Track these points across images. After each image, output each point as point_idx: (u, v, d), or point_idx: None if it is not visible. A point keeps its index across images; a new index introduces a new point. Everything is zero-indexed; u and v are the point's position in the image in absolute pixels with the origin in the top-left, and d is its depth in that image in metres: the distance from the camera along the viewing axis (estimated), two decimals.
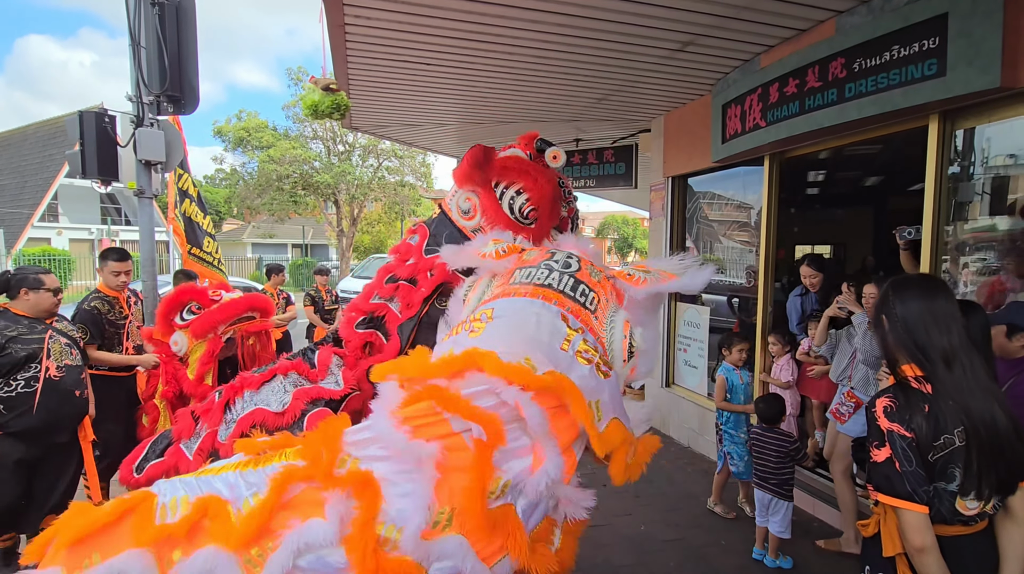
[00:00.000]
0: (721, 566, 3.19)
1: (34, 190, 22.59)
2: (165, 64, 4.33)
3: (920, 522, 1.41)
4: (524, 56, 4.02)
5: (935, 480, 1.43)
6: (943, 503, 1.44)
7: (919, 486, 1.42)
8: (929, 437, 1.42)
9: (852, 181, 6.90)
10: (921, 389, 1.47)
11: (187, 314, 2.96)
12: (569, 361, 1.63)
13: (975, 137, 2.97)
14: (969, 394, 1.44)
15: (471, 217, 2.27)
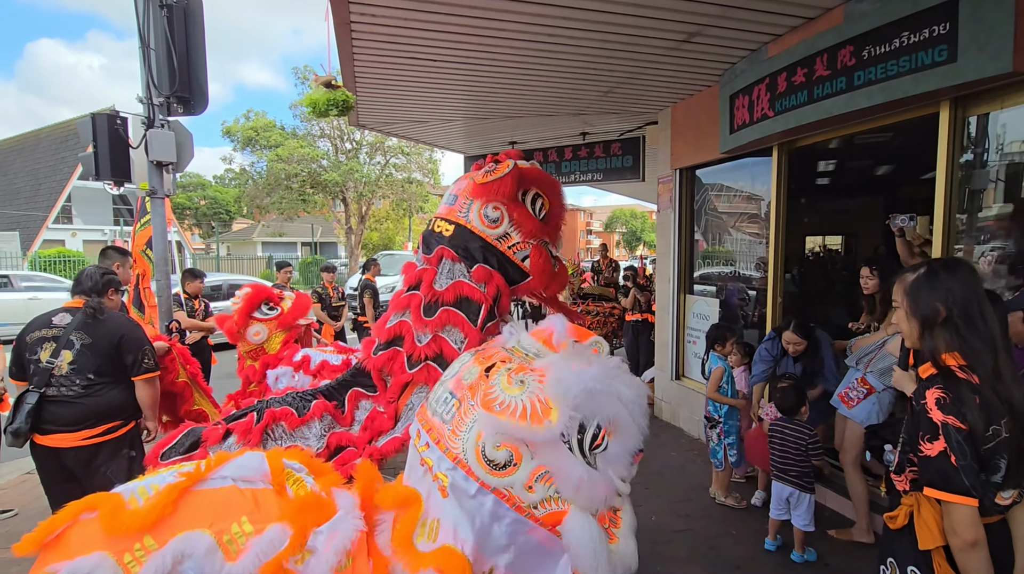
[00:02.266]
0: (732, 556, 3.20)
1: (48, 193, 22.93)
2: (174, 65, 4.38)
3: (975, 517, 1.39)
4: (529, 50, 4.02)
5: (983, 472, 1.41)
6: (988, 495, 1.42)
7: (975, 480, 1.38)
8: (981, 429, 1.38)
9: (863, 170, 6.83)
10: (969, 379, 1.43)
11: (266, 309, 3.80)
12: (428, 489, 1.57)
13: (989, 123, 2.93)
14: (1012, 383, 1.42)
15: (497, 225, 2.35)
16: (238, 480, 1.49)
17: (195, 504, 1.42)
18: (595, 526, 1.46)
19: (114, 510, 1.35)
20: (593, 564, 1.42)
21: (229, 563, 1.34)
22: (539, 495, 1.46)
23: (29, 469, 4.47)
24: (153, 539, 1.32)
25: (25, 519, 3.64)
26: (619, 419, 1.50)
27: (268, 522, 1.41)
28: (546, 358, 1.61)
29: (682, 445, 4.96)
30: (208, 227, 34.72)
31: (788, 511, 3.18)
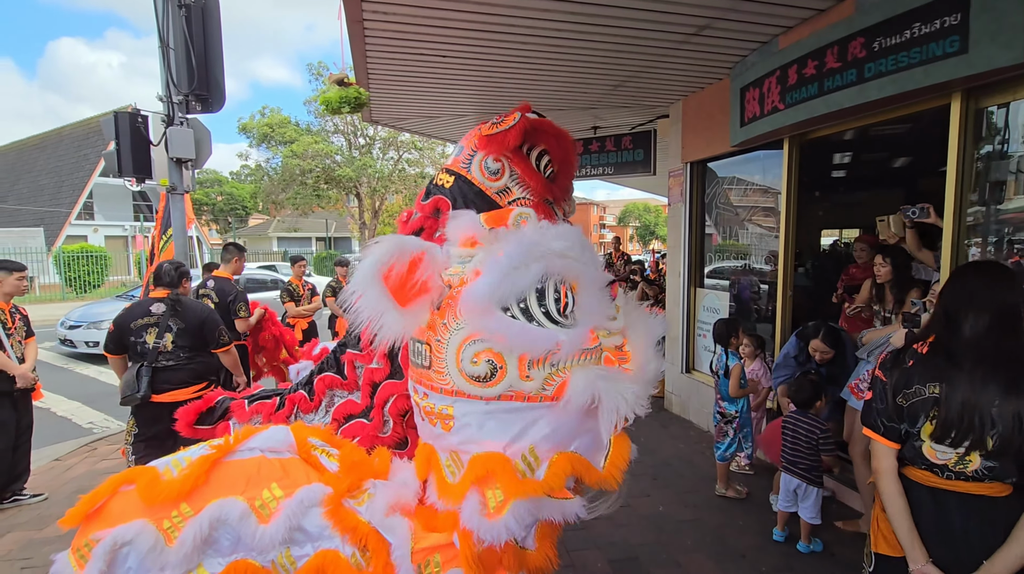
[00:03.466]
0: (737, 546, 3.23)
1: (71, 189, 23.45)
2: (192, 64, 4.50)
3: (880, 450, 1.71)
4: (539, 45, 4.05)
5: (903, 422, 1.65)
6: (909, 444, 1.66)
7: (880, 419, 1.70)
8: (901, 385, 1.65)
9: (878, 163, 6.75)
10: (918, 350, 1.67)
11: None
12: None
13: (1008, 115, 2.90)
14: (973, 371, 1.56)
15: (498, 178, 2.21)
16: (265, 450, 1.59)
17: (227, 473, 1.52)
18: (598, 369, 1.51)
19: (151, 482, 1.45)
20: (615, 397, 1.46)
21: (263, 525, 1.43)
22: (539, 378, 1.51)
23: (58, 456, 4.66)
24: (189, 506, 1.42)
25: (54, 503, 3.79)
26: (567, 270, 1.53)
27: (296, 486, 1.51)
28: (473, 260, 1.62)
29: (691, 437, 4.99)
30: (225, 222, 35.25)
31: (796, 503, 3.21)
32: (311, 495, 1.50)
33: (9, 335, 3.68)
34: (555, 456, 1.52)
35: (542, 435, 1.54)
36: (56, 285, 18.31)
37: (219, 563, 1.40)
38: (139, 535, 1.37)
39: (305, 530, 1.47)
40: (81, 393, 6.83)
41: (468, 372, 1.51)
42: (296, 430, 1.70)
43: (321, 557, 1.44)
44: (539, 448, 1.54)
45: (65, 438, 5.16)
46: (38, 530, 3.43)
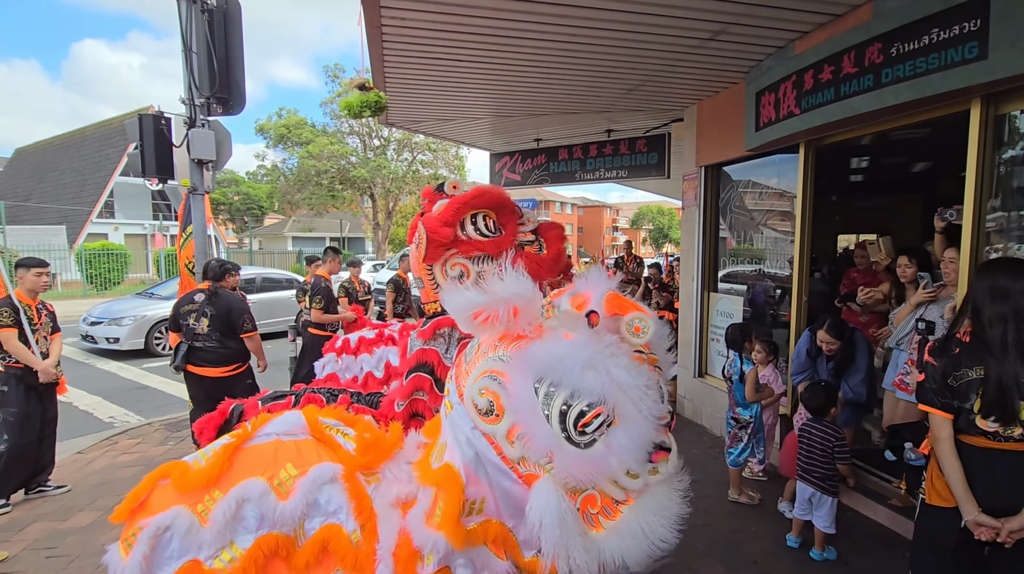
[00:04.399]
0: (751, 551, 3.23)
1: (93, 188, 23.94)
2: (214, 68, 4.59)
3: (938, 422, 1.95)
4: (554, 49, 4.08)
5: (955, 399, 1.90)
6: (963, 416, 1.90)
7: (935, 397, 1.94)
8: (950, 369, 1.91)
9: (895, 167, 6.68)
10: (961, 338, 1.93)
11: None
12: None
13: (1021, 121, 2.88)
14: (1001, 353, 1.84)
15: (466, 277, 2.32)
16: (280, 434, 1.72)
17: (247, 458, 1.65)
18: (561, 501, 1.43)
19: (182, 473, 1.58)
20: (553, 539, 1.40)
21: (282, 502, 1.56)
22: (518, 452, 1.51)
23: (80, 449, 4.77)
24: (219, 490, 1.57)
25: (77, 495, 3.89)
26: (618, 404, 1.42)
27: (310, 465, 1.64)
28: (556, 321, 1.59)
29: (704, 442, 4.98)
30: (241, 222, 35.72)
31: (811, 512, 3.19)
32: (323, 473, 1.62)
33: (35, 330, 3.79)
34: (492, 522, 1.58)
35: (498, 497, 1.59)
36: (78, 282, 18.70)
37: (248, 539, 1.52)
38: (176, 519, 1.50)
39: (318, 504, 1.59)
40: (102, 388, 6.99)
41: (473, 398, 1.61)
42: (307, 413, 1.82)
43: (326, 530, 1.56)
44: (487, 504, 1.59)
45: (87, 432, 5.29)
46: (62, 520, 3.53)
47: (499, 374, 1.53)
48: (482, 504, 1.58)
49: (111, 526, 3.44)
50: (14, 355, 3.67)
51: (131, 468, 4.35)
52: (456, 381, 1.71)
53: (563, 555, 1.43)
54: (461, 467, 1.59)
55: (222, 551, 1.50)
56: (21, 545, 3.24)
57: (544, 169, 7.72)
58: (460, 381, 1.68)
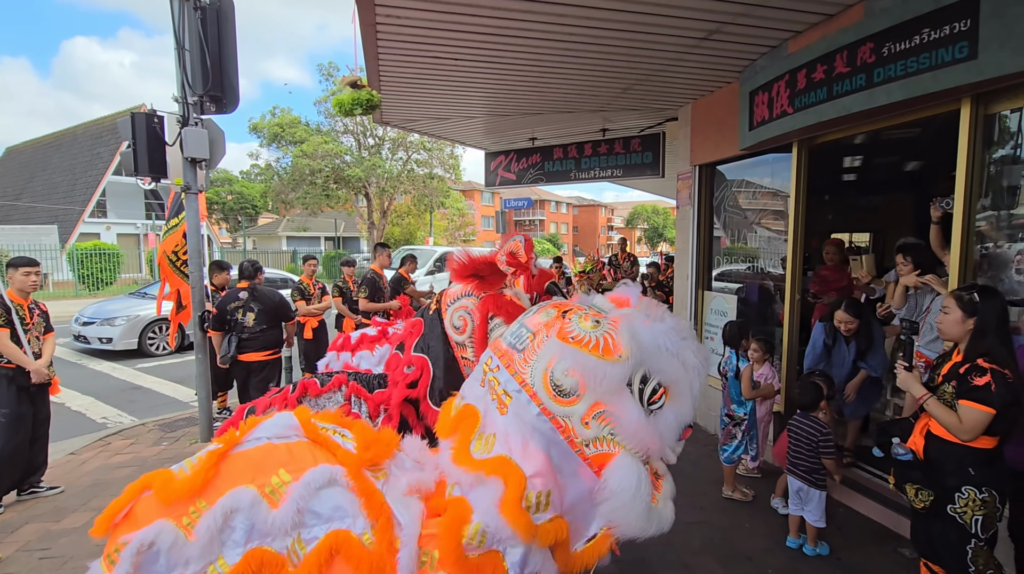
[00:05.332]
0: (745, 548, 3.25)
1: (84, 187, 23.75)
2: (207, 66, 4.56)
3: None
4: (550, 48, 4.08)
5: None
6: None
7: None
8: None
9: (889, 167, 6.73)
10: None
11: None
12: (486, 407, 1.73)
13: (1020, 120, 2.89)
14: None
15: (462, 331, 2.53)
16: (271, 438, 1.63)
17: (235, 465, 1.55)
18: (644, 473, 1.56)
19: (165, 483, 1.50)
20: (633, 511, 1.52)
21: (273, 511, 1.47)
22: (593, 433, 1.57)
23: (73, 450, 4.74)
24: (204, 501, 1.47)
25: (70, 496, 3.87)
26: (679, 383, 1.60)
27: (304, 469, 1.54)
28: (621, 310, 1.74)
29: (699, 440, 5.00)
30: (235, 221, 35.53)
31: (802, 507, 3.21)
32: (319, 476, 1.52)
33: (27, 330, 3.76)
34: (557, 518, 1.58)
35: (562, 485, 1.60)
36: (70, 282, 18.56)
37: (237, 553, 1.43)
38: (160, 534, 1.41)
39: (315, 512, 1.50)
40: (95, 388, 6.94)
41: (555, 378, 1.59)
42: (299, 413, 1.73)
43: (333, 537, 1.47)
44: (553, 497, 1.59)
45: (80, 433, 5.26)
46: (55, 521, 3.51)
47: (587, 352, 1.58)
48: (548, 498, 1.57)
49: None
50: (6, 355, 3.64)
51: (125, 469, 4.32)
52: (507, 368, 1.69)
53: (632, 523, 1.53)
54: (523, 455, 1.57)
55: (209, 567, 1.41)
56: (14, 546, 3.22)
57: (539, 168, 7.73)
58: (516, 368, 1.66)
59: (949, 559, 2.19)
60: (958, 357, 2.23)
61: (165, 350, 9.03)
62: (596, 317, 1.68)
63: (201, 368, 4.87)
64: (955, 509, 2.12)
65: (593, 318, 1.67)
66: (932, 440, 2.24)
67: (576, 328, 1.63)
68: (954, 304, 2.23)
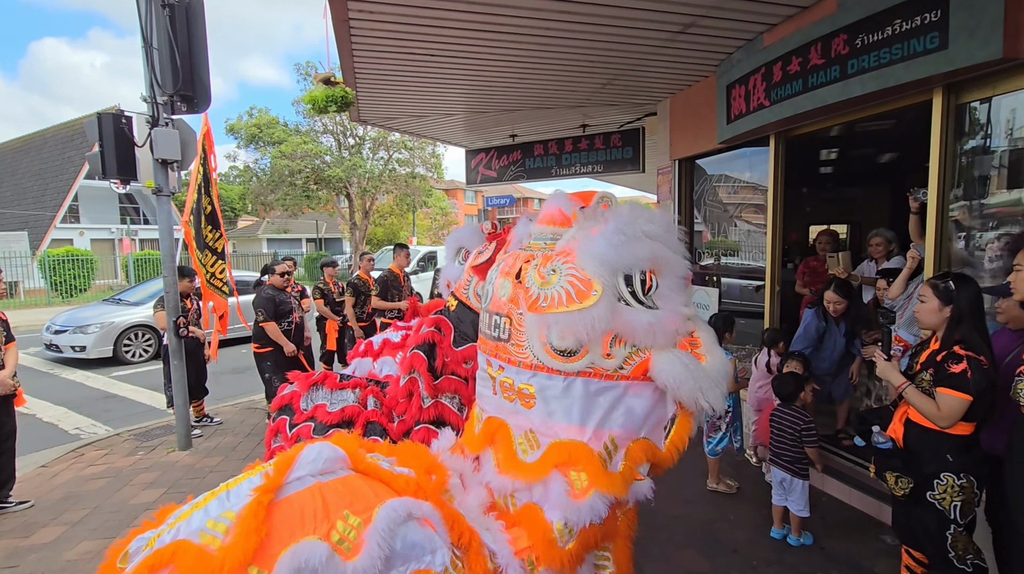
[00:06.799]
0: (728, 540, 3.26)
1: (55, 192, 23.13)
2: (177, 64, 4.44)
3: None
4: (527, 44, 4.05)
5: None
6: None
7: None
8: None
9: (865, 159, 6.82)
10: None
11: None
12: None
13: (989, 110, 2.93)
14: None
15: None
16: (317, 476, 1.38)
17: (286, 515, 1.27)
18: (680, 354, 1.58)
19: (197, 559, 1.16)
20: (694, 386, 1.54)
21: (350, 562, 1.22)
22: (620, 357, 1.57)
23: (44, 463, 4.59)
24: (259, 567, 1.18)
25: (41, 510, 3.74)
26: (657, 258, 1.59)
27: (370, 508, 1.31)
28: (564, 236, 1.69)
29: None
30: None
31: (786, 497, 3.23)
32: (395, 513, 1.31)
33: None
34: (631, 445, 1.60)
35: (620, 423, 1.61)
36: (42, 290, 18.04)
37: None
38: None
39: (394, 553, 1.29)
40: (67, 398, 6.74)
41: (554, 345, 1.57)
42: (340, 441, 1.50)
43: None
44: (617, 436, 1.61)
45: (51, 444, 5.10)
46: (24, 538, 3.39)
47: (568, 293, 1.56)
48: (614, 442, 1.61)
49: (77, 541, 3.32)
50: None
51: (98, 480, 4.20)
52: (510, 362, 1.67)
53: (699, 393, 1.55)
54: (577, 429, 1.58)
55: None
56: None
57: (520, 165, 7.70)
58: (516, 357, 1.65)
59: (929, 545, 2.21)
60: (935, 345, 2.25)
61: (142, 357, 8.81)
62: (550, 264, 1.62)
63: (178, 375, 4.76)
64: (934, 496, 2.14)
65: (548, 269, 1.61)
66: (911, 427, 2.26)
67: (538, 291, 1.59)
68: (930, 293, 2.24)
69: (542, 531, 1.52)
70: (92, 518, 3.60)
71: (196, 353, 5.25)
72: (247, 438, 5.06)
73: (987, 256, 2.95)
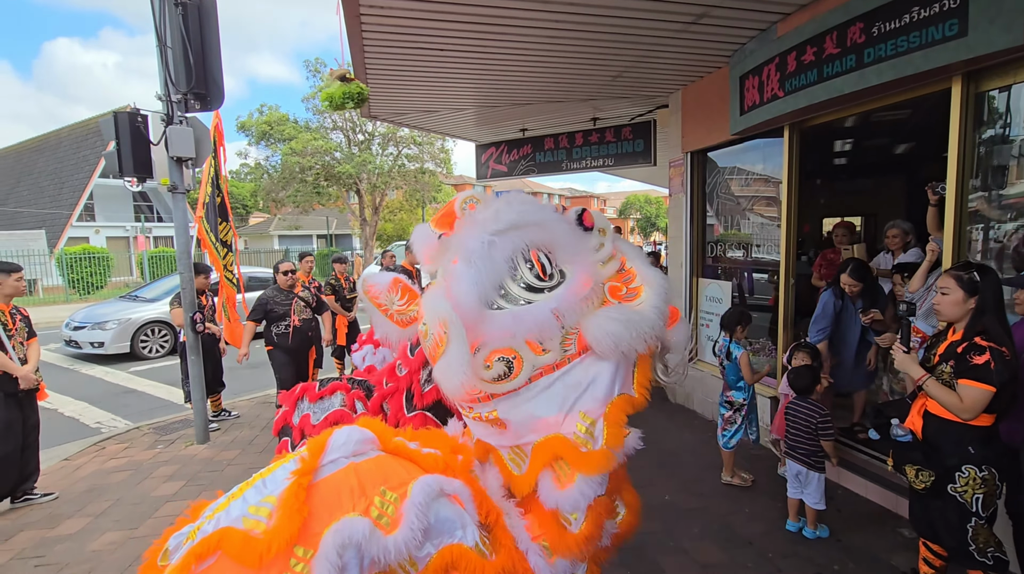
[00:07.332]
0: (745, 533, 3.25)
1: (71, 191, 23.47)
2: (190, 62, 4.48)
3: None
4: (537, 37, 4.03)
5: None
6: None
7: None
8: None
9: (880, 149, 6.72)
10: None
11: None
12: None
13: (1009, 98, 2.88)
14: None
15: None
16: (350, 457, 1.43)
17: (325, 495, 1.32)
18: (606, 313, 1.52)
19: (244, 544, 1.20)
20: (633, 337, 1.48)
21: (390, 536, 1.27)
22: (556, 347, 1.53)
23: (67, 456, 4.70)
24: (304, 547, 1.22)
25: (65, 502, 3.83)
26: (530, 239, 1.52)
27: (404, 484, 1.36)
28: (439, 273, 1.67)
29: (696, 427, 5.01)
30: None
31: (802, 490, 3.22)
32: (430, 488, 1.36)
33: (10, 336, 3.70)
34: (607, 409, 1.53)
35: (589, 396, 1.55)
36: (59, 287, 18.35)
37: None
38: None
39: (428, 527, 1.34)
40: (87, 393, 6.87)
41: (488, 377, 1.50)
42: (368, 424, 1.55)
43: (447, 552, 1.33)
44: (588, 409, 1.55)
45: (73, 438, 5.20)
46: (50, 528, 3.47)
47: (473, 344, 1.51)
48: (585, 417, 1.56)
49: (101, 532, 3.39)
50: None
51: (120, 473, 4.28)
52: (472, 402, 1.59)
53: (640, 341, 1.49)
54: (553, 418, 1.55)
55: None
56: (8, 554, 3.18)
57: (530, 159, 7.68)
58: (467, 401, 1.58)
59: (949, 538, 2.19)
60: (954, 336, 2.22)
61: (158, 353, 8.95)
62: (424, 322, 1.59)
63: (196, 370, 4.83)
64: (955, 488, 2.12)
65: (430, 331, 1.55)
66: (930, 420, 2.24)
67: (426, 343, 1.57)
68: (954, 284, 2.20)
69: (551, 516, 1.51)
70: (115, 510, 3.68)
71: (212, 349, 5.32)
72: (263, 431, 5.14)
73: (1012, 247, 2.91)
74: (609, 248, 1.62)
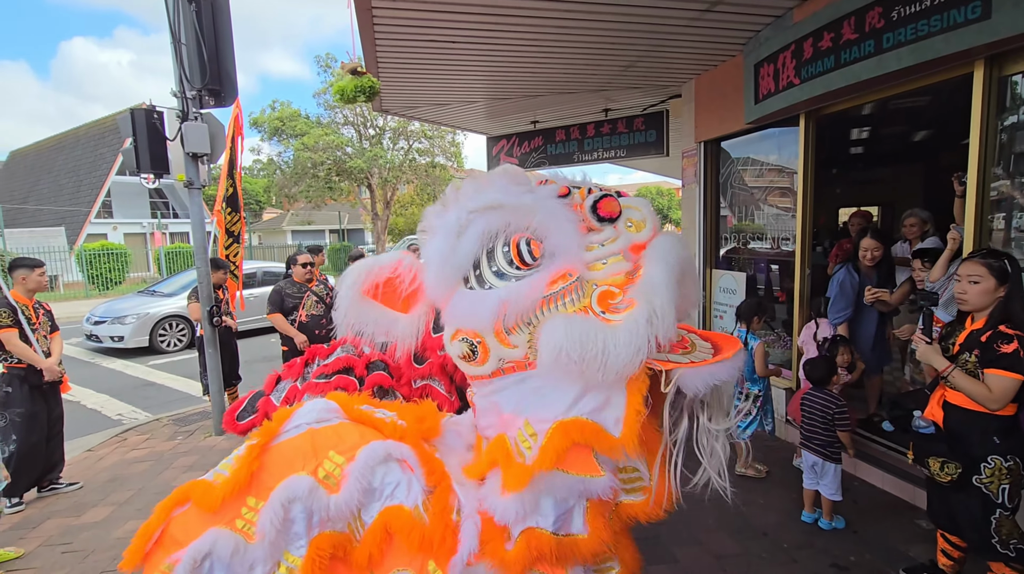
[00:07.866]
0: (760, 523, 3.24)
1: (89, 188, 23.85)
2: (204, 59, 4.52)
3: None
4: (548, 27, 4.01)
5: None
6: None
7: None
8: None
9: (897, 137, 6.60)
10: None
11: None
12: None
13: None
14: None
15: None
16: (312, 423, 1.51)
17: (280, 455, 1.44)
18: (557, 322, 1.30)
19: (205, 491, 1.37)
20: (571, 351, 1.26)
21: (333, 495, 1.36)
22: (522, 343, 1.38)
23: (90, 447, 4.81)
24: (254, 498, 1.37)
25: (90, 491, 3.92)
26: (508, 216, 1.39)
27: (355, 449, 1.43)
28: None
29: None
30: None
31: (817, 481, 3.20)
32: (374, 453, 1.42)
33: (34, 330, 3.78)
34: (552, 428, 1.33)
35: (540, 407, 1.39)
36: (80, 283, 18.72)
37: (301, 545, 1.35)
38: (216, 543, 1.29)
39: (373, 490, 1.41)
40: (109, 386, 7.02)
41: (455, 353, 1.48)
42: (335, 397, 1.64)
43: (385, 513, 1.40)
44: (535, 420, 1.38)
45: (96, 429, 5.32)
46: (76, 517, 3.56)
47: (445, 319, 1.49)
48: (528, 426, 1.41)
49: (124, 520, 3.47)
50: (17, 355, 3.67)
51: (142, 463, 4.38)
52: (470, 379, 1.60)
53: (596, 363, 1.25)
54: (524, 417, 1.42)
55: (279, 566, 1.32)
56: (36, 541, 3.28)
57: (542, 151, 7.66)
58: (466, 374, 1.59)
59: (971, 530, 2.17)
60: (974, 325, 2.18)
61: (176, 346, 9.10)
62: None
63: (213, 363, 4.91)
64: (981, 480, 2.10)
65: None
66: (952, 411, 2.21)
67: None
68: (986, 273, 2.13)
69: (492, 521, 1.43)
70: (137, 499, 3.77)
71: (229, 342, 5.40)
72: None
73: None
74: (615, 246, 1.40)
